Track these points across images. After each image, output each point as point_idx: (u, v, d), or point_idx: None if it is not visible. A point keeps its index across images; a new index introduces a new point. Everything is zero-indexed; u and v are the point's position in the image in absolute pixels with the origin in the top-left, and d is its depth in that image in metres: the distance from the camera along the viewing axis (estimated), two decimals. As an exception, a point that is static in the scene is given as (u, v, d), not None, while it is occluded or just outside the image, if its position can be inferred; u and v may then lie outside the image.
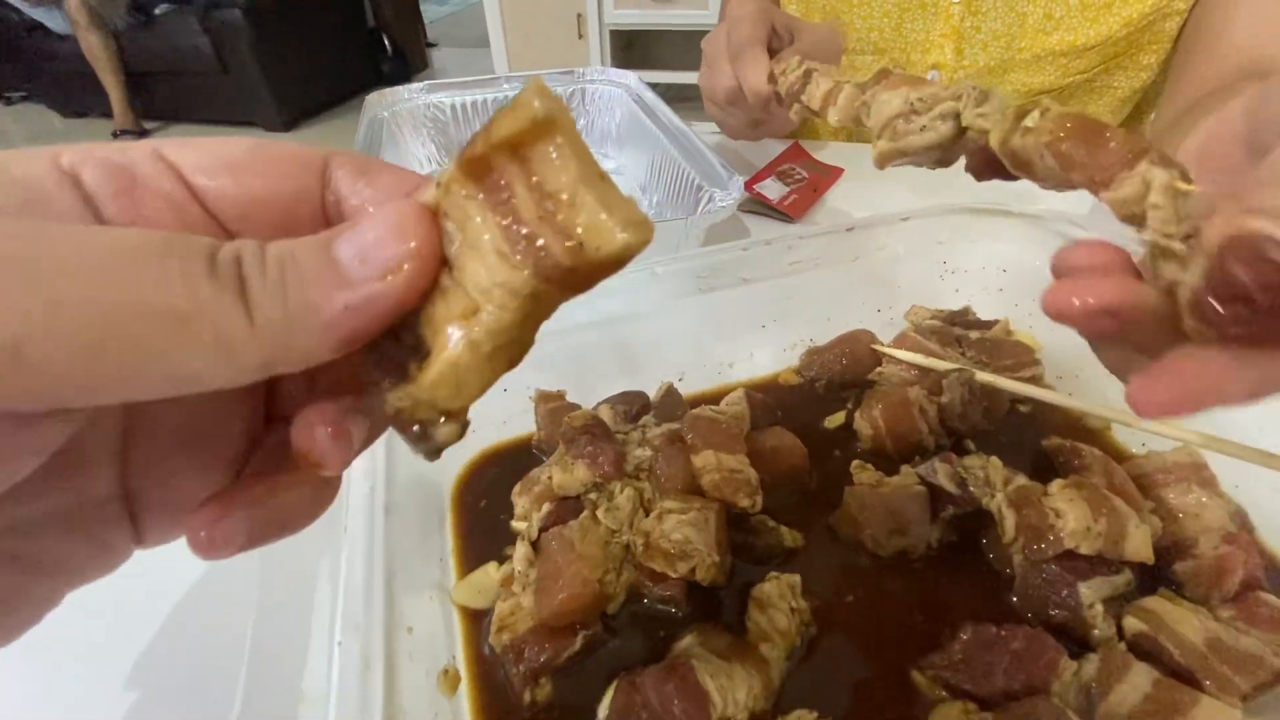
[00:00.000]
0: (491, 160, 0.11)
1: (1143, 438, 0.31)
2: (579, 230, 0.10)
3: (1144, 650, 0.23)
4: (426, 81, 0.62)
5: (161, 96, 3.16)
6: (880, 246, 0.36)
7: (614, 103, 0.64)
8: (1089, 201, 0.26)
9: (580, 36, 2.68)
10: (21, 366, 0.08)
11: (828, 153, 0.61)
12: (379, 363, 0.12)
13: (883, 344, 0.35)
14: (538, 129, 0.10)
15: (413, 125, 0.63)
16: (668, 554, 0.24)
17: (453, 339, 0.11)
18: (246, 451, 0.14)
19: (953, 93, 0.22)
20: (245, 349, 0.10)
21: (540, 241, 0.10)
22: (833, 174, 0.59)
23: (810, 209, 0.55)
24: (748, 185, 0.55)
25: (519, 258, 0.11)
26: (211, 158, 0.12)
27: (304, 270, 0.11)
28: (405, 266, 0.11)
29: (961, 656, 0.23)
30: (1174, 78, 0.57)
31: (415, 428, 0.12)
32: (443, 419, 0.12)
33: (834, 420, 0.34)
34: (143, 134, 3.13)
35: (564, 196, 0.10)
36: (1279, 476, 0.24)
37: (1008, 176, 0.19)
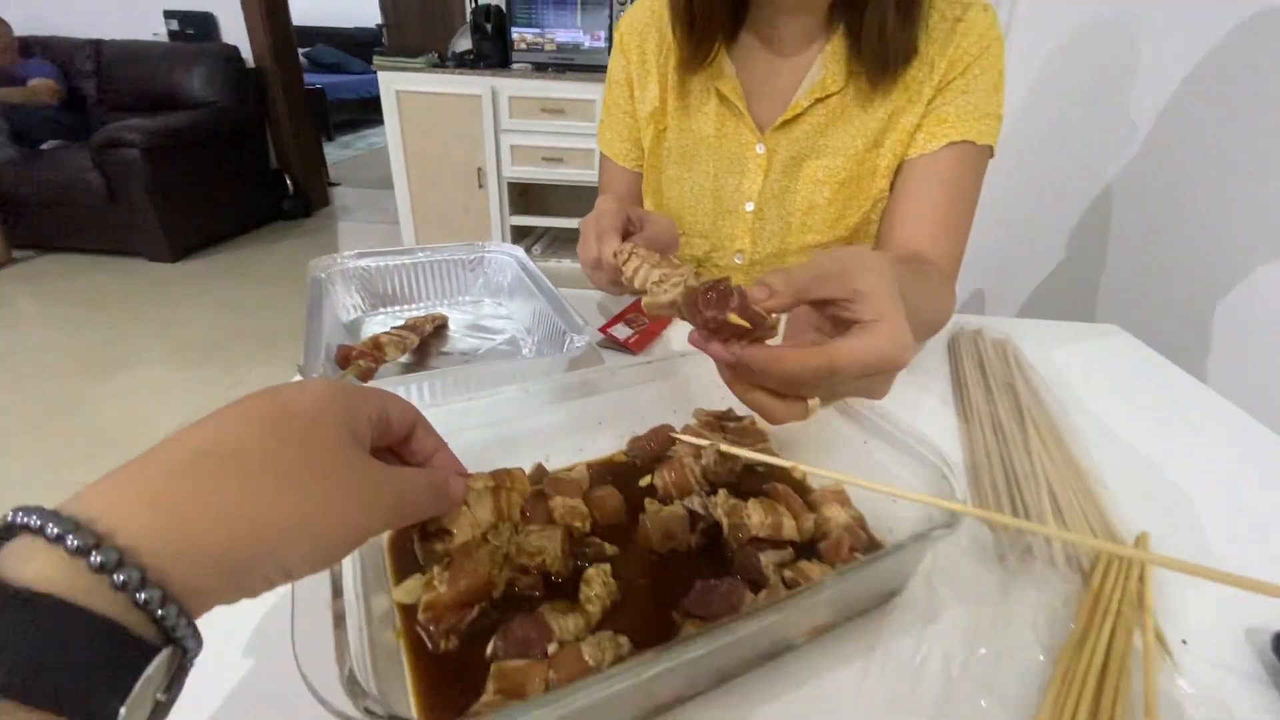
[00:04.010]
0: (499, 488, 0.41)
1: (816, 481, 0.53)
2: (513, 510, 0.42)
3: (792, 588, 0.42)
4: (357, 250, 0.81)
5: (37, 224, 3.02)
6: (674, 372, 0.58)
7: (505, 267, 0.86)
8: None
9: (480, 186, 2.93)
10: (394, 517, 0.32)
11: (661, 304, 0.85)
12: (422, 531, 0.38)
13: (676, 432, 0.55)
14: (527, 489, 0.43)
15: (344, 282, 0.80)
16: (530, 554, 0.41)
17: (467, 531, 0.39)
18: None
19: (681, 271, 0.43)
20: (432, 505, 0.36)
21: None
22: (664, 320, 0.83)
23: (649, 345, 0.78)
24: (603, 329, 0.77)
25: (497, 514, 0.41)
26: (401, 412, 0.34)
27: (438, 485, 0.35)
28: (459, 502, 0.38)
29: (695, 598, 0.41)
30: None
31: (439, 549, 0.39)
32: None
33: (645, 481, 0.53)
34: (6, 264, 2.96)
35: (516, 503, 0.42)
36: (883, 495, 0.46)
37: None
